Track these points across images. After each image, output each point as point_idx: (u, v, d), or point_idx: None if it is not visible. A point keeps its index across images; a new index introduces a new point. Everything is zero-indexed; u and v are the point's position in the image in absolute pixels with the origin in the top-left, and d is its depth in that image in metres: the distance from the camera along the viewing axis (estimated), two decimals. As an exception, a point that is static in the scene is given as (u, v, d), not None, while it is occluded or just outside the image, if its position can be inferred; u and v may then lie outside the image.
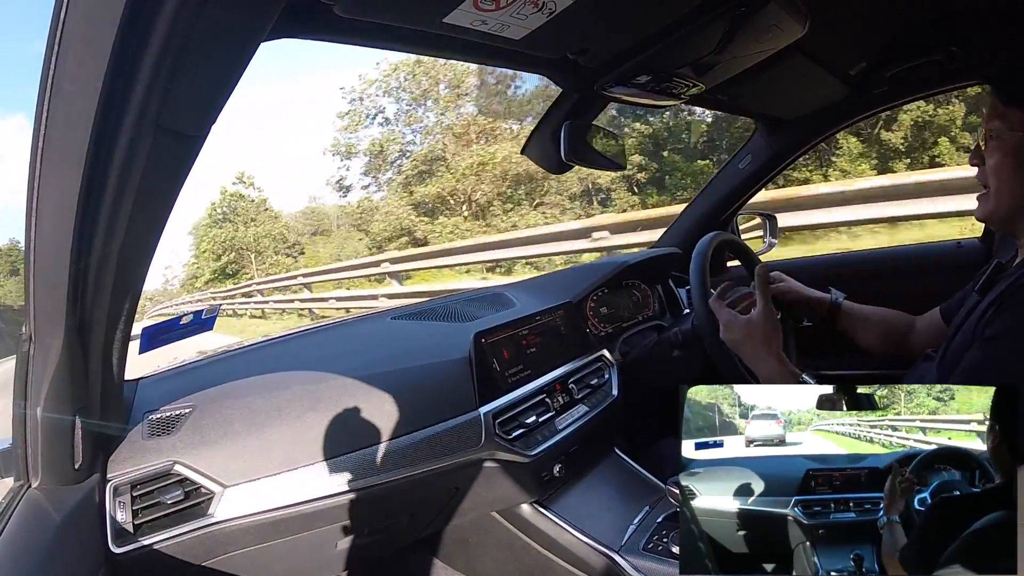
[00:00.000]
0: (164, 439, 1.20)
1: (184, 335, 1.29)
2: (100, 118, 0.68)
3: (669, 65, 1.33)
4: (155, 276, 39.44)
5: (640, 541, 1.43)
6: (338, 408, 1.33)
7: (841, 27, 1.44)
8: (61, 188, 0.76)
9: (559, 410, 1.61)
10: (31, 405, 0.98)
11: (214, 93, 0.74)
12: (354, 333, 1.86)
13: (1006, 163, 1.09)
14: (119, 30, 0.60)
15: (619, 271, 2.09)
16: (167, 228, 0.88)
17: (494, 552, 1.68)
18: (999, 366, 1.00)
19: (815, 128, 2.14)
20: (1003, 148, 1.09)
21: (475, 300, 1.99)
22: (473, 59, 1.29)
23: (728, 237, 1.72)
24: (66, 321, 0.91)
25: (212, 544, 1.19)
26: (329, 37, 1.02)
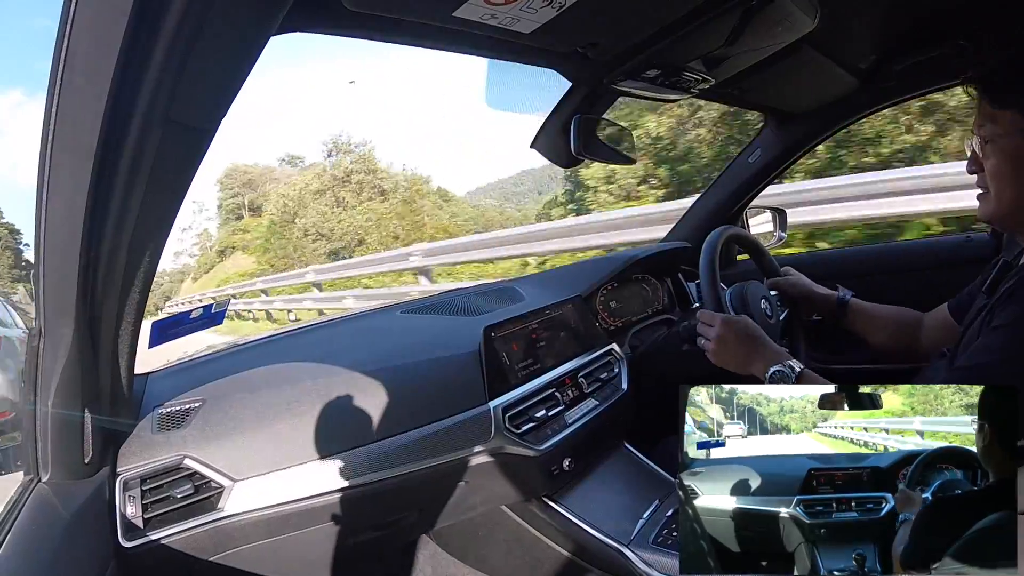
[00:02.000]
0: (174, 433, 1.20)
1: (193, 329, 1.29)
2: (110, 111, 0.68)
3: (679, 59, 1.33)
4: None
5: (650, 535, 1.43)
6: (348, 402, 1.33)
7: (851, 21, 1.44)
8: (71, 181, 0.76)
9: (569, 404, 1.60)
10: (41, 399, 0.98)
11: (224, 86, 0.74)
12: (364, 327, 1.86)
13: (1006, 166, 1.09)
14: (129, 23, 0.60)
15: (628, 265, 2.08)
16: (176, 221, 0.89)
17: (503, 546, 1.68)
18: (999, 355, 1.01)
19: (825, 122, 2.13)
20: (1001, 151, 1.09)
21: (484, 294, 1.99)
22: (482, 53, 1.28)
23: (737, 231, 1.71)
24: (76, 315, 0.91)
25: (221, 538, 1.20)
26: (339, 31, 1.01)
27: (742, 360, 1.37)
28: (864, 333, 1.65)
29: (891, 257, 2.35)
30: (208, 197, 52.76)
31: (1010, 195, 1.10)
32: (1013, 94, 1.08)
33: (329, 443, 1.27)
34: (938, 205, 3.87)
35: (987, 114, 1.11)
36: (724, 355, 1.40)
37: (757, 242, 1.85)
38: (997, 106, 1.09)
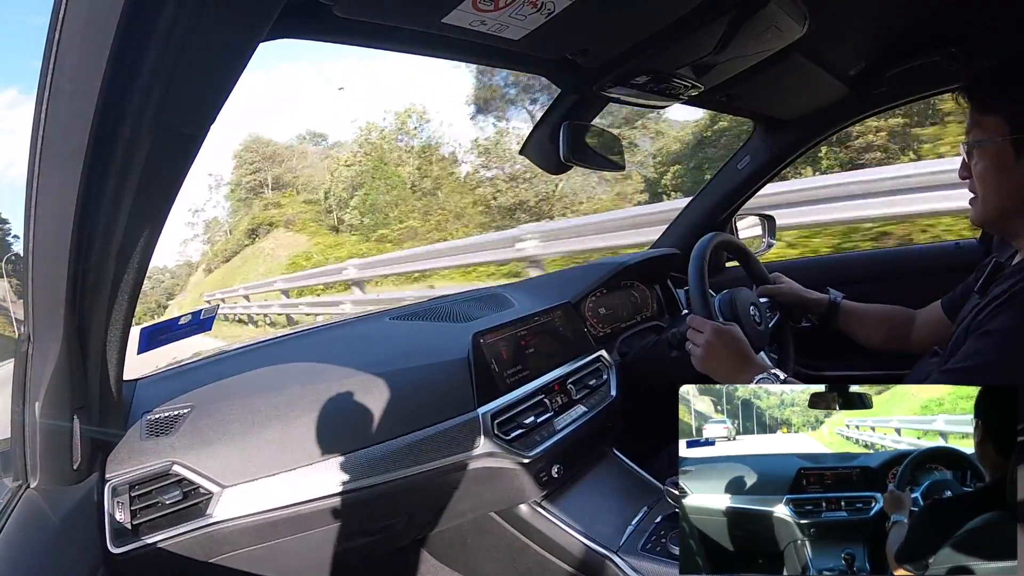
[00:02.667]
0: (163, 439, 1.20)
1: (182, 335, 1.28)
2: (99, 117, 0.68)
3: (669, 65, 1.33)
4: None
5: (638, 542, 1.43)
6: (336, 408, 1.32)
7: (840, 27, 1.45)
8: (60, 187, 0.76)
9: (558, 410, 1.60)
10: (29, 405, 0.98)
11: (214, 92, 0.74)
12: (352, 333, 1.86)
13: (990, 169, 1.12)
14: (118, 30, 0.60)
15: (618, 271, 2.08)
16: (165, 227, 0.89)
17: (492, 552, 1.68)
18: (990, 359, 1.02)
19: (814, 128, 2.14)
20: (986, 156, 1.12)
21: (473, 300, 1.99)
22: (472, 60, 1.29)
23: (727, 238, 1.72)
24: (65, 321, 0.91)
25: (211, 544, 1.19)
26: (328, 37, 1.01)
27: (728, 369, 1.38)
28: (856, 334, 1.66)
29: (880, 264, 2.36)
30: (223, 173, 50.05)
31: (996, 199, 1.12)
32: (997, 99, 1.10)
33: (318, 449, 1.27)
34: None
35: (974, 120, 1.13)
36: (710, 363, 1.41)
37: (746, 248, 1.86)
38: (983, 112, 1.11)
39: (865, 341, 1.65)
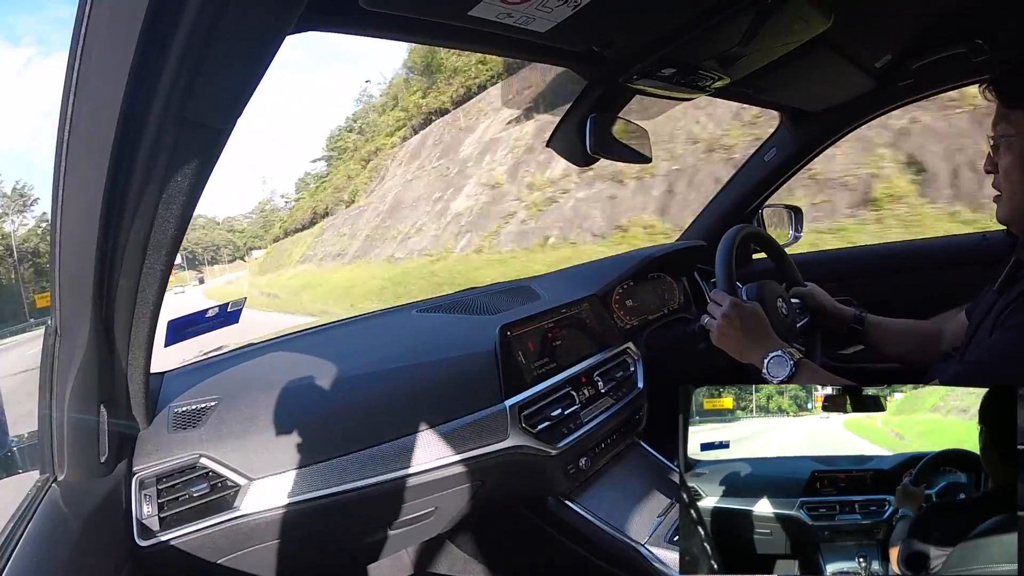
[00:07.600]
0: (190, 432, 1.21)
1: (210, 328, 1.29)
2: (125, 112, 0.68)
3: (695, 58, 1.32)
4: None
5: (666, 533, 1.44)
6: (363, 401, 1.33)
7: (866, 20, 1.43)
8: (87, 181, 0.77)
9: (584, 403, 1.60)
10: (56, 398, 0.99)
11: (240, 86, 0.74)
12: (379, 326, 1.86)
13: (1016, 165, 1.09)
14: (144, 24, 0.60)
15: (644, 264, 2.08)
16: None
17: (519, 544, 1.69)
18: (1011, 352, 1.02)
19: (841, 121, 2.12)
20: (1012, 151, 1.09)
21: (500, 293, 1.99)
22: (498, 52, 1.28)
23: (754, 230, 1.71)
24: (92, 314, 0.91)
25: (237, 537, 1.20)
26: (354, 30, 1.01)
27: (743, 345, 1.38)
28: (884, 349, 1.65)
29: (907, 256, 2.33)
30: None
31: (1022, 196, 1.10)
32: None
33: (345, 442, 1.28)
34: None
35: (1001, 114, 1.11)
36: (727, 337, 1.41)
37: (782, 250, 1.85)
38: (1010, 106, 1.09)
39: (893, 355, 1.64)
